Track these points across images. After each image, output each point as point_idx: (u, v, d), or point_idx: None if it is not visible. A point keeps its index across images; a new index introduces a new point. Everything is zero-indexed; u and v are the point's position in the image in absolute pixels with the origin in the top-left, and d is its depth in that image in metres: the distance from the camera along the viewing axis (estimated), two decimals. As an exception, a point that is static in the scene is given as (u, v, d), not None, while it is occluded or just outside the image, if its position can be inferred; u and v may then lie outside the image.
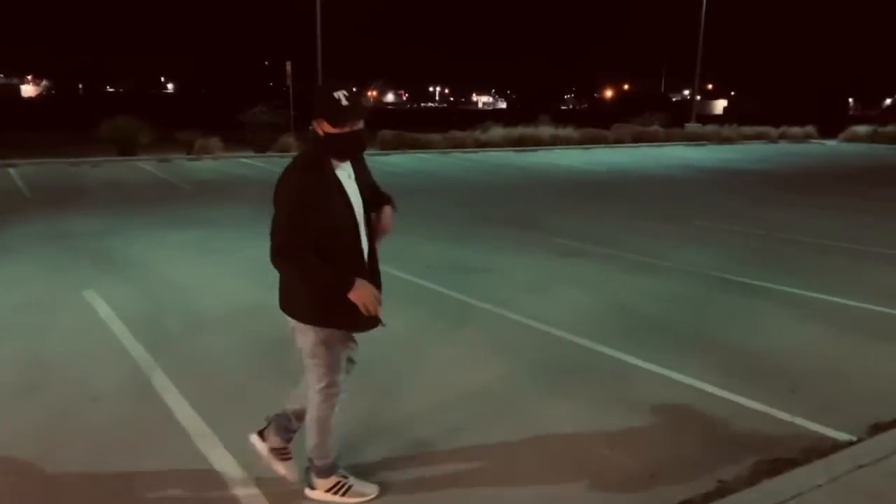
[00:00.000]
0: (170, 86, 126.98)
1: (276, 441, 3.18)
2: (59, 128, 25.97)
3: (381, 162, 19.01)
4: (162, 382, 4.37)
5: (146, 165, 17.38)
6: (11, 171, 15.69)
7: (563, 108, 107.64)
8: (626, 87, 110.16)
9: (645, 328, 5.61)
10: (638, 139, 26.88)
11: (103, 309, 5.85)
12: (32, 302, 6.03)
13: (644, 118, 28.62)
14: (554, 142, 24.79)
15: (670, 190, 14.72)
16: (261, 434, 3.22)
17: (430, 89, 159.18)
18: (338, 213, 2.80)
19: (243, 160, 18.98)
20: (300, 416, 3.16)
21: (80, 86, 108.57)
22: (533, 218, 10.80)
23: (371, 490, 3.17)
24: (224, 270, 7.31)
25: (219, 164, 18.21)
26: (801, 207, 12.23)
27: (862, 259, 8.17)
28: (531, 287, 6.81)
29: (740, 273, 7.38)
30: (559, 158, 21.18)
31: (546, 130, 25.13)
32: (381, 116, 30.31)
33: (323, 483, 3.12)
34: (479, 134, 24.13)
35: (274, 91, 25.25)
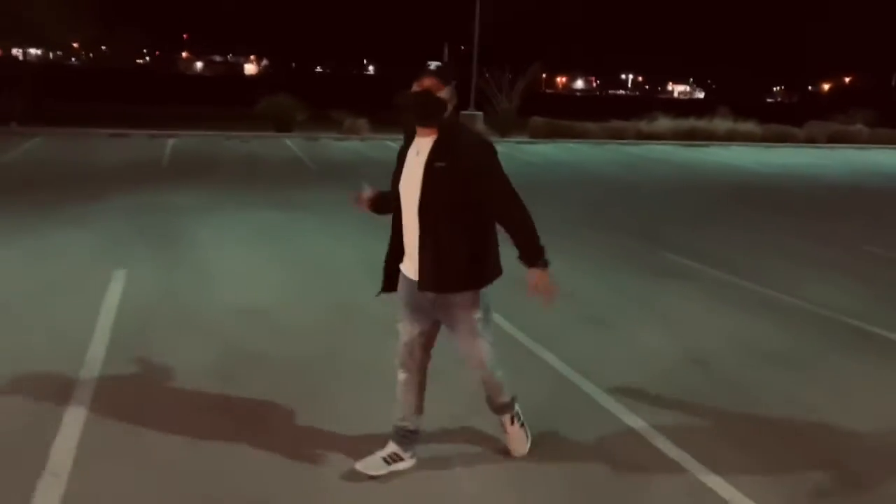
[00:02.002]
0: (371, 68, 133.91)
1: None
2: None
3: (524, 150, 17.93)
4: (81, 400, 3.74)
5: (291, 143, 17.69)
6: (170, 141, 16.65)
7: (769, 100, 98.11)
8: (847, 79, 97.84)
9: (713, 397, 4.18)
10: (834, 139, 23.25)
11: (114, 294, 5.48)
12: (54, 280, 5.84)
13: (848, 115, 24.71)
14: (731, 137, 22.11)
15: (850, 203, 12.24)
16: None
17: (623, 77, 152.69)
18: (392, 181, 3.01)
19: (387, 142, 18.75)
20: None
21: (294, 65, 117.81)
22: (654, 226, 9.25)
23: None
24: (270, 261, 6.77)
25: (362, 145, 18.14)
26: None
27: None
28: (599, 318, 5.52)
29: (889, 323, 5.54)
30: (729, 156, 18.77)
31: (722, 124, 22.47)
32: (547, 102, 28.91)
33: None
34: (643, 125, 22.12)
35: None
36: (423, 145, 2.89)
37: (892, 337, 5.31)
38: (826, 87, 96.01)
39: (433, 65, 2.87)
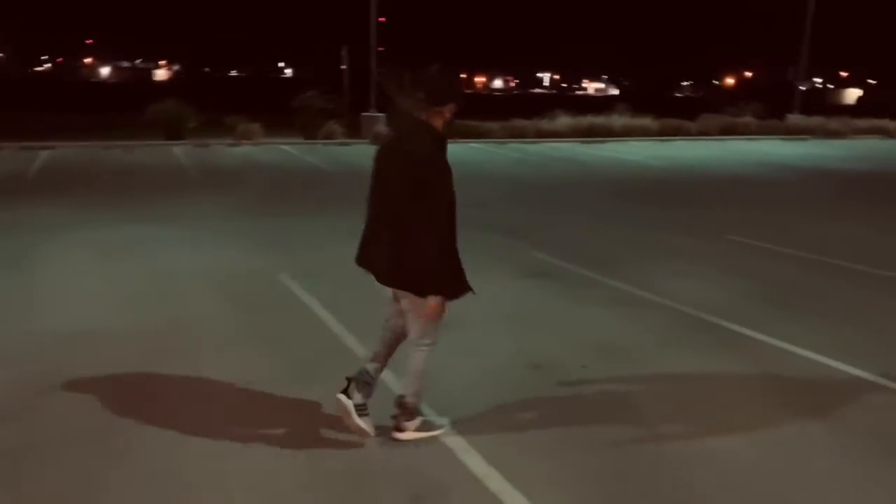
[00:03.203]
0: (288, 71, 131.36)
1: (358, 398, 3.42)
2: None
3: (423, 152, 17.75)
4: None
5: (178, 150, 16.94)
6: (43, 153, 15.62)
7: (677, 95, 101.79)
8: (747, 74, 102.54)
9: (537, 404, 4.07)
10: (726, 132, 24.13)
11: (-84, 327, 4.98)
12: None
13: (738, 108, 25.74)
14: (627, 133, 22.61)
15: (726, 193, 12.63)
16: (345, 392, 3.41)
17: (539, 75, 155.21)
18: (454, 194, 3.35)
19: (282, 147, 18.27)
20: (380, 371, 3.55)
21: (207, 69, 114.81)
22: (530, 224, 9.24)
23: (442, 423, 3.60)
24: (114, 279, 6.33)
25: (255, 150, 17.56)
26: (887, 222, 9.98)
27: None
28: (448, 322, 5.35)
29: (733, 314, 5.62)
30: (624, 151, 19.15)
31: (619, 120, 22.96)
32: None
33: (412, 424, 3.50)
34: (543, 123, 22.34)
35: (333, 76, 24.48)
36: None
37: (734, 328, 5.37)
38: (730, 81, 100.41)
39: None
